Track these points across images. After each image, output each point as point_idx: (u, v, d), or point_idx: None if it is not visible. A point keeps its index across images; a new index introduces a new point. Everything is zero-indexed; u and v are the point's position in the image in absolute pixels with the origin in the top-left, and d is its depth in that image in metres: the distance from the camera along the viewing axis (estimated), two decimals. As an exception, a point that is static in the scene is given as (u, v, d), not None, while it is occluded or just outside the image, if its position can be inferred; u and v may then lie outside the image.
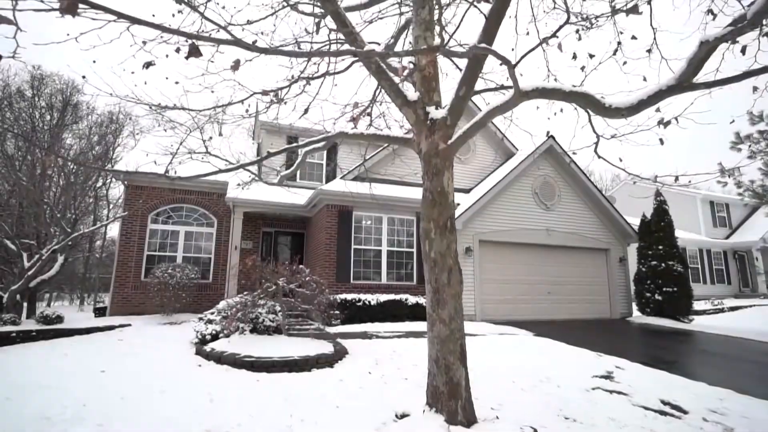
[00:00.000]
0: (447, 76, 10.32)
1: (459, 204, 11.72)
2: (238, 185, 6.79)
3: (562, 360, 7.11)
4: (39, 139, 17.32)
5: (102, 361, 6.59)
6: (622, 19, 5.60)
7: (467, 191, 13.62)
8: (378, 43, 6.04)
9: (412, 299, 10.72)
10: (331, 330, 8.91)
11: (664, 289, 13.04)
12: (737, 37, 2.86)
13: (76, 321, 10.36)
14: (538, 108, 6.53)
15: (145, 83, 5.08)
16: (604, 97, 3.71)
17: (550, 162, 13.71)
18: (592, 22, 4.94)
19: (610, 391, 5.50)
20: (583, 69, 4.55)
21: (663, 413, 4.86)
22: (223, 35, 2.62)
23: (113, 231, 25.13)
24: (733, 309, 16.30)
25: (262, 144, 14.50)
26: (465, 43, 6.16)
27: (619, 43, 4.88)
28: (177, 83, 5.25)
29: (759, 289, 22.05)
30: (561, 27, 4.13)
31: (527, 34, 6.12)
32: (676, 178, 4.30)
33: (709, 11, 4.01)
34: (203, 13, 2.68)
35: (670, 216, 14.13)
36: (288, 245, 14.11)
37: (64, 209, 13.59)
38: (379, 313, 10.26)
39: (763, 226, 22.26)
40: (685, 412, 4.91)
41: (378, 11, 6.56)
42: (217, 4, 5.14)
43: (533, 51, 3.70)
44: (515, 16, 5.92)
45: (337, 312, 9.27)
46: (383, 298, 10.48)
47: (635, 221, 15.32)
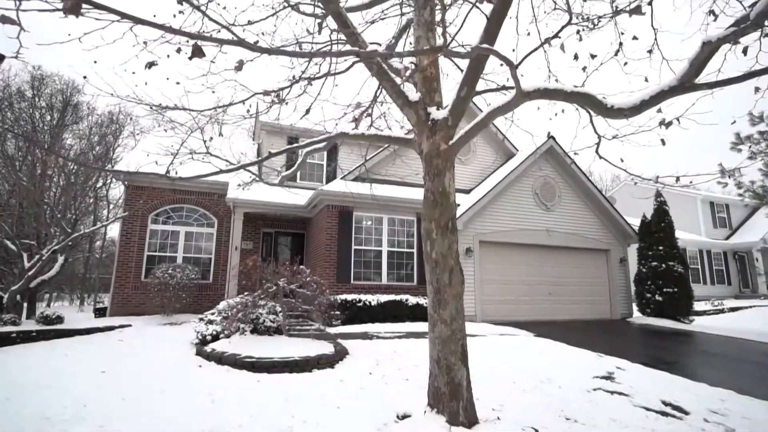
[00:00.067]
0: (447, 76, 10.33)
1: (459, 204, 11.72)
2: (239, 186, 6.79)
3: (562, 361, 7.11)
4: (39, 140, 17.32)
5: (102, 362, 6.59)
6: (623, 19, 5.60)
7: (467, 192, 13.62)
8: (379, 44, 6.04)
9: (412, 300, 10.71)
10: (332, 330, 8.91)
11: (665, 289, 13.03)
12: (740, 38, 2.86)
13: (76, 321, 10.36)
14: (539, 109, 6.53)
15: (146, 84, 5.07)
16: (606, 98, 3.70)
17: (551, 162, 13.71)
18: (594, 22, 4.93)
19: (611, 392, 5.49)
20: (584, 69, 4.55)
21: (664, 414, 4.86)
22: (226, 35, 2.62)
23: (113, 231, 25.13)
24: (733, 310, 16.31)
25: (263, 144, 14.50)
26: (466, 44, 6.16)
27: (620, 44, 4.87)
28: (178, 83, 5.24)
29: (759, 290, 22.05)
30: (563, 28, 4.13)
31: (528, 34, 6.11)
32: (677, 179, 4.29)
33: (711, 12, 4.01)
34: (206, 12, 2.67)
35: (671, 216, 14.12)
36: (288, 246, 14.10)
37: (64, 209, 13.59)
38: (380, 313, 10.26)
39: (763, 226, 22.26)
40: (686, 413, 4.91)
41: (381, 11, 6.56)
42: (218, 5, 5.15)
43: (534, 51, 3.70)
44: (516, 17, 5.91)
45: (337, 312, 9.26)
46: (384, 298, 10.47)
47: (635, 222, 15.31)
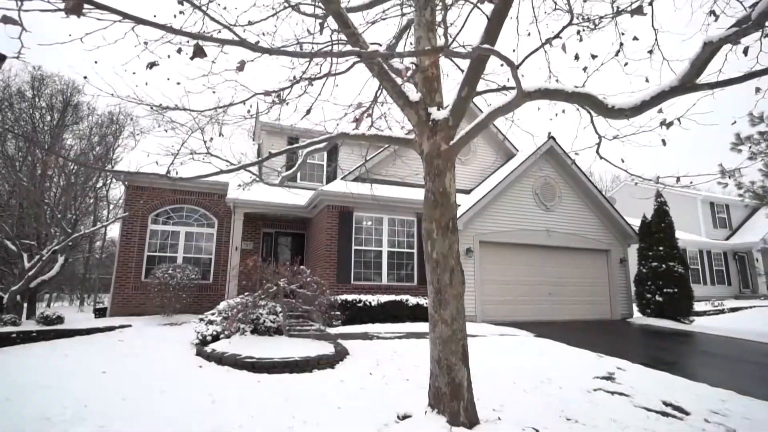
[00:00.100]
0: (448, 76, 10.33)
1: (460, 205, 11.72)
2: (239, 186, 6.79)
3: (563, 361, 7.10)
4: (39, 140, 17.31)
5: (102, 362, 6.58)
6: (623, 20, 5.61)
7: (468, 192, 13.62)
8: (380, 44, 6.04)
9: (412, 300, 10.71)
10: (332, 331, 8.91)
11: (665, 290, 13.03)
12: (741, 38, 2.86)
13: (76, 322, 10.35)
14: (540, 109, 6.53)
15: (146, 84, 5.07)
16: (607, 98, 3.70)
17: (551, 163, 13.72)
18: (596, 23, 4.93)
19: (612, 392, 5.49)
20: (585, 70, 4.55)
21: (665, 414, 4.86)
22: (227, 35, 2.62)
23: (113, 232, 25.12)
24: (733, 310, 16.32)
25: (263, 145, 14.49)
26: (467, 45, 6.16)
27: (621, 44, 4.88)
28: (178, 84, 5.25)
29: (759, 290, 22.05)
30: (564, 28, 4.13)
31: (528, 35, 6.12)
32: (678, 179, 4.29)
33: (712, 12, 4.01)
34: (207, 12, 2.68)
35: (671, 217, 14.11)
36: (288, 246, 14.10)
37: (64, 210, 13.57)
38: (380, 313, 10.25)
39: (763, 227, 22.27)
40: (686, 414, 4.91)
41: (382, 11, 6.56)
42: (218, 5, 5.15)
43: (535, 52, 3.70)
44: (516, 17, 5.92)
45: (337, 313, 9.26)
46: (384, 298, 10.47)
47: (636, 222, 15.31)
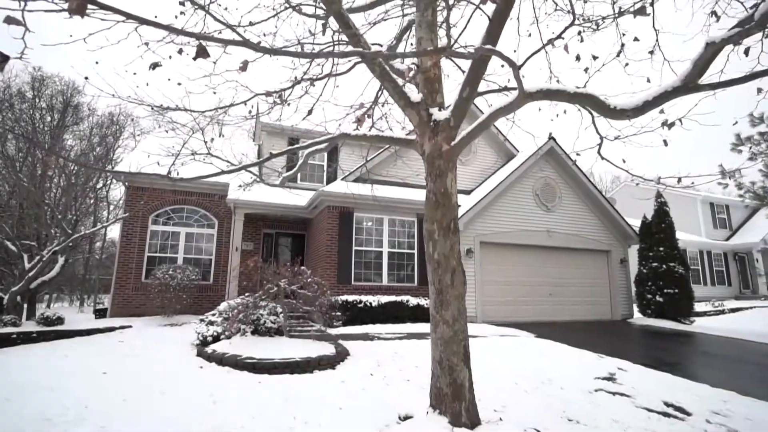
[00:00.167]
0: (448, 77, 10.33)
1: (460, 206, 11.71)
2: (240, 186, 6.79)
3: (564, 361, 7.10)
4: (40, 141, 17.31)
5: (103, 363, 6.58)
6: (624, 21, 5.61)
7: (468, 193, 13.62)
8: (380, 45, 6.05)
9: (413, 301, 10.70)
10: (333, 331, 8.90)
11: (665, 290, 13.02)
12: (744, 39, 2.86)
13: (76, 322, 10.33)
14: (540, 110, 6.54)
15: (147, 84, 5.07)
16: (609, 99, 3.70)
17: (551, 163, 13.71)
18: (598, 24, 4.93)
19: (613, 393, 5.49)
20: (586, 71, 4.55)
21: (666, 415, 4.85)
22: (229, 35, 2.62)
23: (113, 232, 25.10)
24: (733, 311, 16.32)
25: (263, 145, 14.49)
26: (469, 45, 6.17)
27: (622, 45, 4.88)
28: (179, 84, 5.25)
29: (759, 291, 22.05)
30: (566, 28, 4.13)
31: (529, 35, 6.13)
32: (679, 180, 4.29)
33: (713, 13, 4.01)
34: (208, 11, 2.67)
35: (671, 217, 14.11)
36: (289, 247, 14.09)
37: (64, 210, 13.56)
38: (381, 314, 10.25)
39: (763, 227, 22.27)
40: (688, 414, 4.90)
41: (384, 11, 6.56)
42: (219, 5, 5.16)
43: (537, 52, 3.70)
44: (517, 18, 5.93)
45: (338, 313, 9.26)
46: (384, 299, 10.46)
47: (636, 223, 15.30)
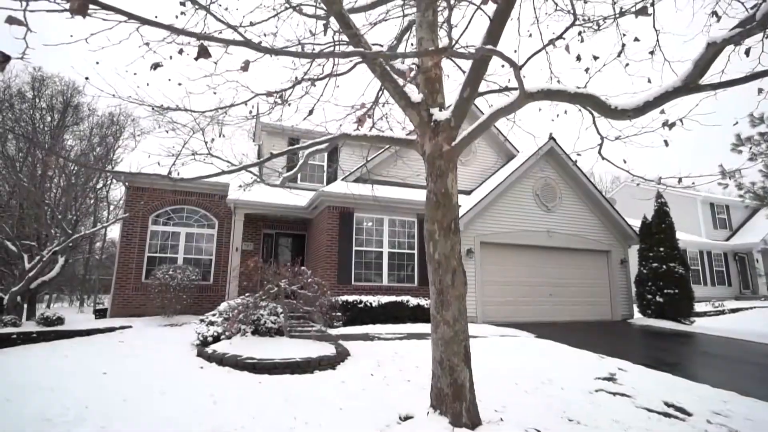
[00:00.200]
0: (448, 77, 10.34)
1: (461, 206, 11.71)
2: (240, 187, 6.79)
3: (564, 362, 7.10)
4: (40, 141, 17.30)
5: (103, 363, 6.58)
6: (624, 21, 5.62)
7: (468, 193, 13.62)
8: (381, 45, 6.05)
9: (413, 301, 10.70)
10: (333, 332, 8.90)
11: (665, 290, 13.02)
12: (745, 39, 2.87)
13: (76, 323, 10.33)
14: (541, 110, 6.53)
15: (148, 85, 5.07)
16: (610, 99, 3.70)
17: (551, 164, 13.72)
18: (599, 24, 4.93)
19: (613, 393, 5.49)
20: (587, 71, 4.55)
21: (667, 415, 4.85)
22: (231, 35, 2.61)
23: (113, 232, 25.08)
24: (733, 311, 16.32)
25: (263, 146, 14.49)
26: (469, 46, 6.17)
27: (623, 45, 4.88)
28: (180, 85, 5.26)
29: (759, 291, 22.06)
30: (567, 29, 4.13)
31: (530, 36, 6.13)
32: (680, 180, 4.29)
33: (714, 13, 4.01)
34: (209, 10, 2.67)
35: (671, 218, 14.11)
36: (289, 247, 14.09)
37: (64, 210, 13.55)
38: (381, 314, 10.24)
39: (763, 227, 22.28)
40: (689, 414, 4.90)
41: (385, 11, 6.56)
42: (220, 6, 5.16)
43: (539, 53, 3.70)
44: (518, 18, 5.94)
45: (338, 314, 9.26)
46: (384, 299, 10.46)
47: (636, 223, 15.30)
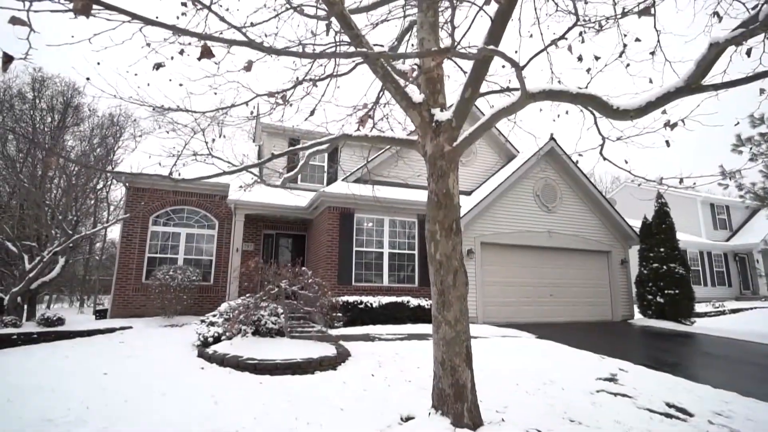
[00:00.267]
0: (449, 78, 10.33)
1: (461, 206, 11.70)
2: (240, 187, 6.79)
3: (565, 362, 7.09)
4: (40, 141, 17.29)
5: (103, 364, 6.57)
6: (626, 21, 5.62)
7: (469, 193, 13.62)
8: (382, 45, 6.05)
9: (414, 301, 10.70)
10: (334, 332, 8.90)
11: (666, 291, 13.01)
12: (747, 39, 2.87)
13: (76, 323, 10.33)
14: (541, 110, 6.53)
15: (148, 85, 5.08)
16: (611, 100, 3.69)
17: (552, 164, 13.72)
18: (601, 24, 4.93)
19: (615, 394, 5.48)
20: (588, 71, 4.55)
21: (668, 416, 4.85)
22: (232, 35, 2.61)
23: (113, 233, 25.04)
24: (734, 311, 16.30)
25: (264, 146, 14.48)
26: (470, 46, 6.16)
27: (624, 46, 4.88)
28: (181, 85, 5.26)
29: (760, 292, 22.05)
30: (569, 29, 4.13)
31: (530, 36, 6.13)
32: (681, 180, 4.28)
33: (715, 14, 4.01)
34: (211, 9, 2.67)
35: (672, 218, 14.11)
36: (289, 247, 14.09)
37: (65, 211, 13.53)
38: (381, 315, 10.24)
39: (763, 228, 22.27)
40: (690, 415, 4.90)
41: (387, 11, 6.55)
42: (221, 6, 5.15)
43: (541, 53, 3.70)
44: (519, 19, 5.93)
45: (339, 314, 9.25)
46: (385, 300, 10.46)
47: (636, 223, 15.30)
